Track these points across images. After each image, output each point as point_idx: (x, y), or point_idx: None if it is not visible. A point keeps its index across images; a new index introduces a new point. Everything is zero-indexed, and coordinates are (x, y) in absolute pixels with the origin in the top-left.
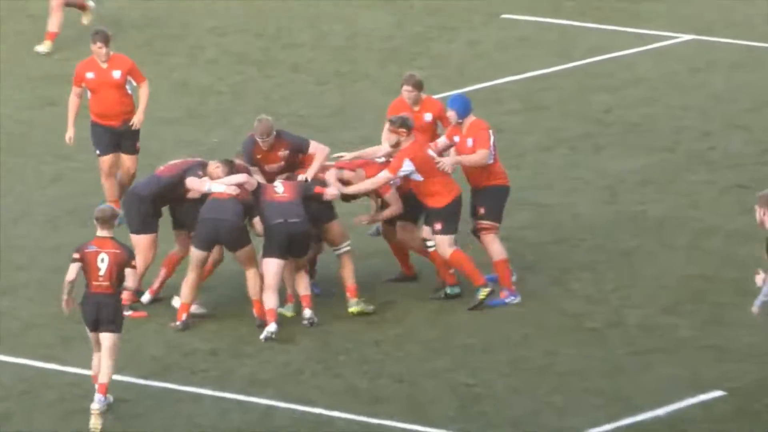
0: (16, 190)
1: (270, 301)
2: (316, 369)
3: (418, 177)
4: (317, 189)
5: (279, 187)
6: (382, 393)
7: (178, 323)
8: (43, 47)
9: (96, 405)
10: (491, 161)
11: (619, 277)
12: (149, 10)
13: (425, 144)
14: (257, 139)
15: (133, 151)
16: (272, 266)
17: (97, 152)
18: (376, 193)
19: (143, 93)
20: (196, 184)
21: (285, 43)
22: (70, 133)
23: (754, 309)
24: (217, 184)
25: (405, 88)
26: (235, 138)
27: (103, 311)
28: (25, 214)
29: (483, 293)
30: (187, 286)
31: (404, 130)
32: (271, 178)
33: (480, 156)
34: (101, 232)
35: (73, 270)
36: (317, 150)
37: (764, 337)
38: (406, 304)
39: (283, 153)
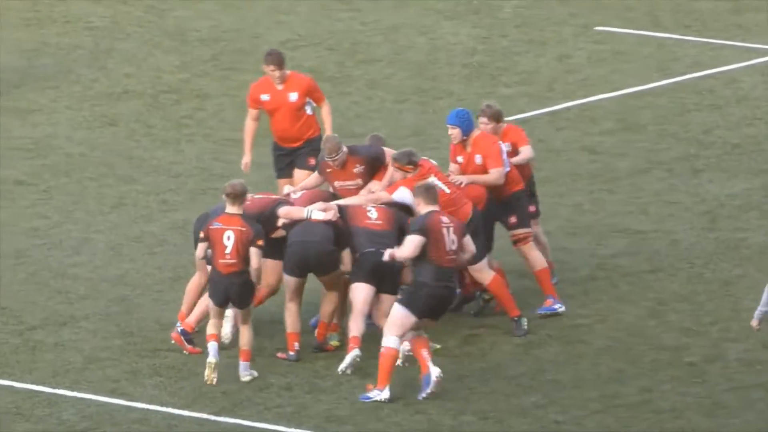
0: (76, 215)
1: (356, 328)
2: (397, 405)
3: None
4: None
5: (372, 212)
6: (467, 431)
7: (291, 354)
8: None
9: (243, 373)
10: (507, 169)
11: (719, 309)
12: (216, 21)
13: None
14: (326, 159)
15: (304, 166)
16: (361, 292)
17: (275, 174)
18: None
19: (326, 114)
20: (294, 212)
21: (361, 58)
22: (246, 159)
23: (754, 323)
24: (317, 211)
25: (481, 120)
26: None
27: (232, 292)
28: (86, 241)
29: (526, 323)
30: (290, 316)
31: (411, 166)
32: (347, 195)
33: (495, 176)
34: (230, 209)
35: (200, 249)
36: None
37: None
38: (491, 337)
39: (358, 169)
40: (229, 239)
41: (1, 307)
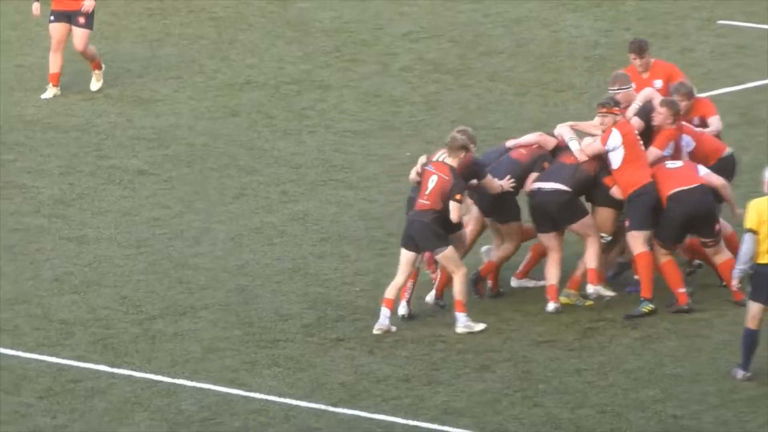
0: (197, 205)
1: (552, 277)
2: (515, 398)
3: (618, 158)
4: (607, 180)
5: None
6: (585, 424)
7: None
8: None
9: (458, 324)
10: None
11: None
12: (339, 13)
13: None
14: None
15: None
16: (547, 240)
17: None
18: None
19: None
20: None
21: (482, 50)
22: None
23: (734, 282)
24: (574, 141)
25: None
26: (428, 152)
27: (415, 229)
28: (207, 231)
29: (647, 308)
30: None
31: (617, 107)
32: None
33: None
34: (447, 158)
35: (413, 173)
36: None
37: None
38: (610, 331)
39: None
40: (432, 182)
41: (121, 297)
